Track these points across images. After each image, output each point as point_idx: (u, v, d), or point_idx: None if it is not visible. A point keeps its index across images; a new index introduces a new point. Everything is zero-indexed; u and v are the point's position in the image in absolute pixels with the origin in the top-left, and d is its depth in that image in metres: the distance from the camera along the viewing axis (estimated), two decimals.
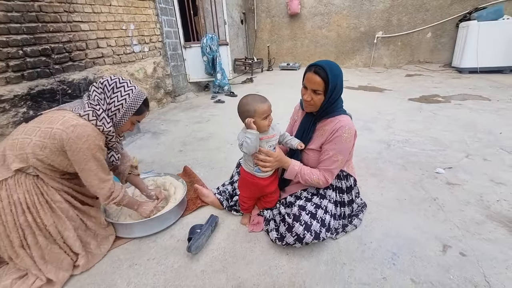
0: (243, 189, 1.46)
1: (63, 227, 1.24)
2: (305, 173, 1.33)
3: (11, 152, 1.14)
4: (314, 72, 1.22)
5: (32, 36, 2.31)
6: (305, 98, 1.29)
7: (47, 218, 1.19)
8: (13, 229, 1.14)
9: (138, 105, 1.29)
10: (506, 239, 1.33)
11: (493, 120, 2.85)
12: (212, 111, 3.88)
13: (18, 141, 1.15)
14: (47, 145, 1.13)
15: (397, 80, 5.26)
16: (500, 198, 1.63)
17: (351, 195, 1.46)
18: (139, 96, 1.29)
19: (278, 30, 7.43)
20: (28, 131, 1.16)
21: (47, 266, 1.19)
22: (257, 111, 1.23)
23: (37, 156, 1.14)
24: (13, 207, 1.13)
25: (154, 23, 3.88)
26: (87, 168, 1.19)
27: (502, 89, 4.05)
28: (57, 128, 1.13)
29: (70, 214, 1.27)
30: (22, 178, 1.16)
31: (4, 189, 1.13)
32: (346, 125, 1.26)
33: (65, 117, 1.17)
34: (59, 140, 1.13)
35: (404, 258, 1.25)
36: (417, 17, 6.18)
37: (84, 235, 1.32)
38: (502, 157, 2.11)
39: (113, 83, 1.24)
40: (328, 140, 1.30)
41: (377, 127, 2.88)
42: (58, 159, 1.18)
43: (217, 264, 1.29)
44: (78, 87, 2.73)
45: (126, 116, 1.28)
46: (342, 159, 1.30)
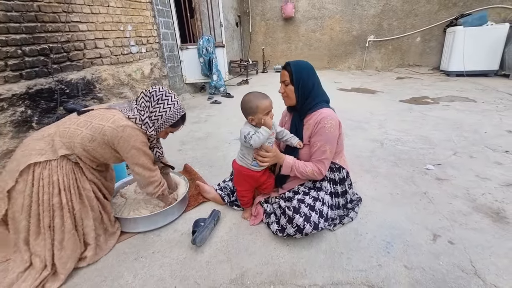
0: (240, 184, 1.52)
1: (86, 215, 1.32)
2: (300, 166, 1.41)
3: (61, 139, 1.26)
4: (283, 68, 1.43)
5: (31, 35, 2.32)
6: (279, 91, 1.47)
7: (76, 203, 1.28)
8: (47, 208, 1.21)
9: (177, 119, 1.43)
10: (490, 228, 1.43)
11: (478, 120, 3.00)
12: (209, 111, 3.92)
13: (70, 130, 1.27)
14: (96, 139, 1.27)
15: (389, 82, 5.43)
16: (485, 191, 1.74)
17: (344, 186, 1.52)
18: (179, 111, 1.44)
19: (273, 33, 7.54)
20: (80, 124, 1.29)
21: (61, 253, 1.22)
22: (260, 107, 1.31)
23: (85, 147, 1.27)
24: (51, 187, 1.22)
25: (151, 25, 3.91)
26: (139, 162, 1.35)
27: (487, 92, 4.24)
28: (109, 126, 1.28)
29: (93, 204, 1.35)
30: (64, 162, 1.27)
31: (47, 169, 1.22)
32: (327, 116, 1.36)
33: (115, 116, 1.31)
34: (110, 137, 1.27)
35: (397, 246, 1.33)
36: (407, 22, 6.39)
37: (98, 227, 1.37)
38: (487, 154, 2.23)
39: (160, 95, 1.39)
40: (313, 132, 1.39)
41: (370, 127, 2.98)
42: (102, 151, 1.31)
43: (221, 255, 1.34)
44: (76, 86, 2.74)
45: (163, 126, 1.43)
46: (330, 148, 1.38)
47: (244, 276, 1.21)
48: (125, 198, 1.69)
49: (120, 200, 1.67)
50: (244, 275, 1.22)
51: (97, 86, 3.00)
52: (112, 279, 1.24)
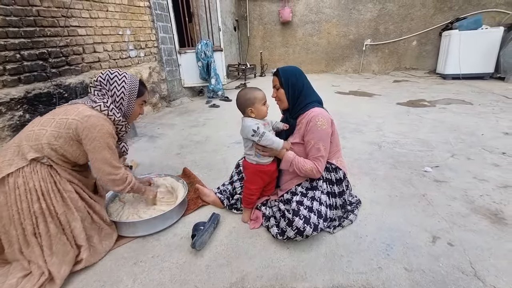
0: (253, 181, 1.52)
1: (72, 217, 1.27)
2: (299, 162, 1.42)
3: (27, 143, 1.22)
4: (273, 74, 1.53)
5: (30, 40, 2.33)
6: (272, 96, 1.54)
7: (58, 207, 1.24)
8: (27, 216, 1.18)
9: (137, 87, 1.40)
10: (489, 230, 1.43)
11: (475, 123, 3.02)
12: (207, 115, 3.93)
13: (34, 132, 1.23)
14: (61, 135, 1.23)
15: (386, 85, 5.47)
16: (483, 193, 1.75)
17: (342, 186, 1.52)
18: (134, 79, 1.41)
19: (271, 37, 7.60)
20: (44, 123, 1.25)
21: (52, 258, 1.20)
22: (257, 98, 1.41)
23: (52, 146, 1.22)
24: (29, 194, 1.18)
25: (150, 29, 3.93)
26: (101, 156, 1.28)
27: (482, 94, 4.29)
28: (72, 118, 1.23)
29: (78, 205, 1.31)
30: (37, 166, 1.22)
31: (21, 177, 1.18)
32: (318, 114, 1.39)
33: (79, 108, 1.27)
34: (74, 129, 1.23)
35: (397, 249, 1.34)
36: (403, 26, 6.47)
37: (89, 227, 1.35)
38: (484, 156, 2.25)
39: (106, 77, 1.35)
40: (305, 131, 1.42)
41: (368, 130, 3.00)
42: (71, 149, 1.26)
43: (221, 259, 1.33)
44: (74, 91, 2.74)
45: (132, 102, 1.40)
46: (324, 145, 1.40)
47: (244, 280, 1.21)
48: (123, 202, 1.68)
49: (119, 204, 1.66)
50: (244, 279, 1.22)
51: None
52: (111, 284, 1.23)
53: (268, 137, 1.38)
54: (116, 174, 1.34)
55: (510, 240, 1.36)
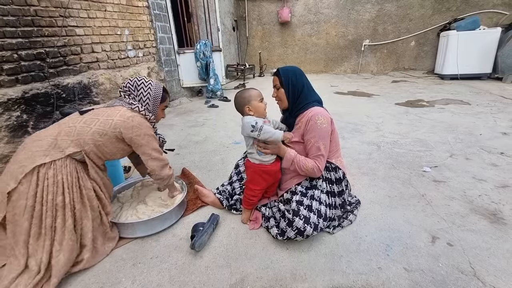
0: (256, 182, 1.50)
1: (85, 215, 1.31)
2: (300, 160, 1.42)
3: (68, 137, 1.29)
4: (273, 74, 1.54)
5: (27, 40, 2.31)
6: (272, 96, 1.56)
7: (77, 202, 1.29)
8: (50, 208, 1.21)
9: (161, 94, 1.53)
10: (488, 229, 1.44)
11: (473, 123, 3.03)
12: (206, 115, 3.92)
13: (76, 128, 1.32)
14: (107, 133, 1.34)
15: (384, 85, 5.48)
16: (482, 193, 1.76)
17: (341, 186, 1.51)
18: (159, 86, 1.54)
19: (269, 37, 7.60)
20: (87, 121, 1.35)
21: (59, 255, 1.21)
22: (253, 95, 1.45)
23: (96, 142, 1.32)
24: (56, 187, 1.23)
25: (149, 29, 3.92)
26: (155, 147, 1.46)
27: (480, 94, 4.31)
28: (118, 119, 1.36)
29: (93, 204, 1.35)
30: (68, 161, 1.28)
31: (52, 169, 1.24)
32: (317, 113, 1.40)
33: (120, 110, 1.39)
34: (122, 128, 1.35)
35: (397, 249, 1.34)
36: (401, 27, 6.49)
37: (97, 228, 1.36)
38: (482, 156, 2.25)
39: (134, 83, 1.48)
40: (305, 130, 1.43)
41: (367, 130, 3.00)
42: (111, 146, 1.38)
43: (220, 260, 1.33)
44: (72, 91, 2.73)
45: (156, 106, 1.53)
46: (324, 144, 1.40)
47: (244, 281, 1.20)
48: (121, 203, 1.67)
49: (117, 205, 1.65)
50: (244, 280, 1.21)
51: (93, 90, 2.99)
52: (110, 285, 1.22)
53: (267, 130, 1.37)
54: (166, 159, 1.55)
55: (509, 239, 1.36)
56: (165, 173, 1.54)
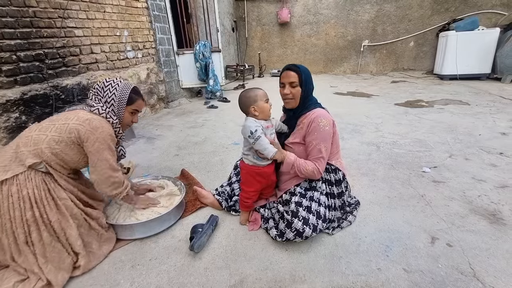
0: (250, 183, 1.50)
1: (66, 224, 1.26)
2: (300, 164, 1.41)
3: (25, 148, 1.22)
4: (288, 69, 1.43)
5: (26, 41, 2.31)
6: (284, 93, 1.45)
7: (52, 214, 1.23)
8: (20, 224, 1.17)
9: (127, 95, 1.41)
10: (487, 230, 1.43)
11: (472, 123, 3.03)
12: (205, 116, 3.92)
13: (32, 137, 1.25)
14: (63, 139, 1.25)
15: (383, 86, 5.49)
16: (481, 193, 1.75)
17: (341, 187, 1.52)
18: (126, 87, 1.43)
19: (269, 38, 7.60)
20: (42, 129, 1.27)
21: (48, 266, 1.19)
22: (259, 95, 1.41)
23: (53, 150, 1.24)
24: (22, 202, 1.18)
25: (148, 30, 3.92)
26: (102, 158, 1.29)
27: (480, 95, 4.31)
28: (73, 123, 1.26)
29: (74, 212, 1.30)
30: (32, 174, 1.21)
31: (15, 184, 1.18)
32: (320, 115, 1.40)
33: (78, 114, 1.31)
34: (76, 133, 1.25)
35: (396, 250, 1.33)
36: (400, 27, 6.49)
37: (87, 234, 1.34)
38: (481, 156, 2.25)
39: (102, 84, 1.40)
40: (307, 132, 1.42)
41: (367, 130, 3.00)
42: (71, 152, 1.28)
43: (219, 261, 1.32)
44: (71, 92, 2.72)
45: (121, 108, 1.41)
46: (326, 146, 1.40)
47: (243, 283, 1.20)
48: (119, 204, 1.66)
49: (115, 206, 1.64)
50: (243, 282, 1.21)
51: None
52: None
53: (261, 143, 1.36)
54: (115, 177, 1.35)
55: (509, 240, 1.36)
56: (111, 192, 1.36)
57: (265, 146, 1.37)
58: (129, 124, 1.51)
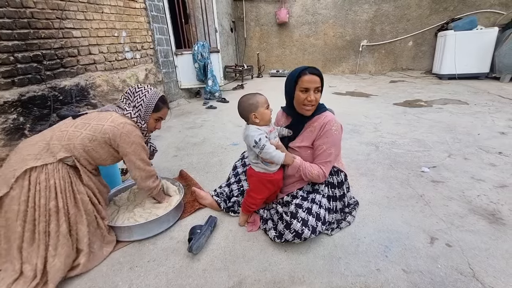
0: (260, 191, 1.47)
1: (80, 219, 1.30)
2: (306, 167, 1.40)
3: (58, 142, 1.29)
4: (311, 73, 1.34)
5: (24, 42, 2.30)
6: (310, 99, 1.35)
7: (71, 207, 1.28)
8: (43, 212, 1.20)
9: (154, 103, 1.50)
10: (486, 230, 1.43)
11: (471, 123, 3.04)
12: (204, 116, 3.91)
13: (68, 133, 1.31)
14: (96, 138, 1.33)
15: (382, 86, 5.49)
16: (480, 193, 1.75)
17: (342, 189, 1.52)
18: (154, 95, 1.52)
19: (267, 38, 7.60)
20: (78, 126, 1.34)
21: (54, 260, 1.20)
22: (260, 102, 1.37)
23: (85, 147, 1.31)
24: (48, 191, 1.22)
25: (146, 31, 3.91)
26: (140, 157, 1.42)
27: (478, 94, 4.31)
28: (108, 125, 1.34)
29: (88, 208, 1.34)
30: (60, 165, 1.27)
31: (43, 173, 1.23)
32: (332, 119, 1.39)
33: (112, 116, 1.39)
34: (111, 135, 1.33)
35: (395, 250, 1.33)
36: (399, 27, 6.50)
37: (93, 233, 1.35)
38: (480, 156, 2.25)
39: (133, 90, 1.50)
40: (318, 135, 1.40)
41: (365, 130, 3.00)
42: (102, 151, 1.36)
43: (218, 263, 1.32)
44: (69, 93, 2.71)
45: (147, 114, 1.50)
46: (336, 151, 1.40)
47: (241, 284, 1.20)
48: (118, 206, 1.66)
49: (114, 208, 1.64)
50: (242, 283, 1.20)
51: (91, 93, 2.97)
52: None
53: (268, 151, 1.32)
54: (152, 170, 1.52)
55: (508, 240, 1.36)
56: (147, 184, 1.50)
57: (273, 154, 1.33)
58: (152, 130, 1.59)
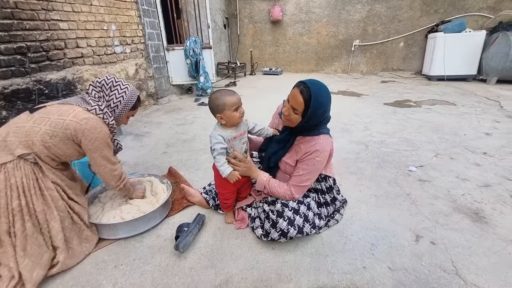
0: (223, 186, 1.47)
1: (51, 216, 1.25)
2: (272, 186, 1.38)
3: (15, 138, 1.20)
4: (300, 91, 1.19)
5: (7, 33, 2.22)
6: (283, 111, 1.29)
7: (38, 204, 1.22)
8: (4, 213, 1.15)
9: (134, 101, 1.47)
10: (470, 228, 1.47)
11: (458, 123, 3.10)
12: (195, 113, 3.87)
13: (25, 128, 1.22)
14: (57, 134, 1.24)
15: (373, 85, 5.55)
16: (465, 192, 1.79)
17: (332, 193, 1.53)
18: (134, 94, 1.48)
19: (261, 36, 7.57)
20: (36, 121, 1.24)
21: (25, 260, 1.15)
22: (227, 104, 1.28)
23: (45, 143, 1.23)
24: (9, 191, 1.16)
25: (137, 25, 3.83)
26: (102, 155, 1.34)
27: (466, 95, 4.41)
28: (70, 120, 1.25)
29: (59, 204, 1.29)
30: (21, 163, 1.20)
31: (2, 172, 1.16)
32: (320, 149, 1.28)
33: (75, 110, 1.29)
34: (73, 130, 1.25)
35: (381, 248, 1.35)
36: (391, 28, 6.57)
37: (69, 228, 1.31)
38: (466, 156, 2.30)
39: (110, 83, 1.40)
40: (301, 159, 1.33)
41: (355, 129, 3.03)
42: (64, 147, 1.28)
43: (205, 261, 1.30)
44: (55, 87, 2.63)
45: (124, 112, 1.46)
46: (312, 179, 1.36)
47: (228, 282, 1.19)
48: (103, 203, 1.62)
49: (99, 205, 1.60)
50: (229, 281, 1.19)
51: (78, 87, 2.89)
52: None
53: (219, 163, 1.33)
54: (115, 169, 1.43)
55: (489, 238, 1.39)
56: (112, 183, 1.44)
57: (220, 168, 1.33)
58: (121, 124, 1.57)
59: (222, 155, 1.34)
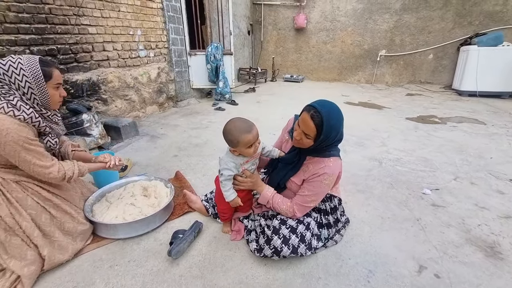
0: (221, 202, 1.47)
1: (20, 218, 1.21)
2: (276, 202, 1.36)
3: None
4: (311, 116, 1.14)
5: (40, 36, 2.41)
6: (294, 135, 1.24)
7: (2, 209, 1.17)
8: None
9: (39, 69, 1.18)
10: (481, 263, 1.34)
11: (485, 145, 2.88)
12: (211, 118, 3.94)
13: None
14: None
15: (397, 98, 5.32)
16: (482, 222, 1.65)
17: (336, 215, 1.48)
18: (31, 60, 1.18)
19: (284, 43, 7.57)
20: None
21: (12, 261, 1.18)
22: (241, 142, 1.21)
23: None
24: None
25: (161, 30, 3.99)
26: (22, 159, 1.16)
27: (498, 114, 4.09)
28: None
29: (28, 203, 1.24)
30: None
31: None
32: (329, 172, 1.24)
33: None
34: None
35: (379, 276, 1.27)
36: (420, 39, 6.29)
37: (48, 223, 1.29)
38: (489, 182, 2.12)
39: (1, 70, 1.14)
40: (308, 179, 1.30)
41: (371, 144, 2.91)
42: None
43: (195, 270, 1.31)
44: (81, 87, 2.81)
45: (41, 89, 1.21)
46: (317, 200, 1.33)
47: None
48: (109, 202, 1.69)
49: (105, 204, 1.67)
50: None
51: (102, 88, 3.07)
52: (83, 286, 1.23)
53: (224, 188, 1.35)
54: (48, 173, 1.22)
55: (503, 276, 1.27)
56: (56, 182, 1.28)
57: (225, 193, 1.35)
58: (59, 100, 1.31)
59: (229, 181, 1.36)
